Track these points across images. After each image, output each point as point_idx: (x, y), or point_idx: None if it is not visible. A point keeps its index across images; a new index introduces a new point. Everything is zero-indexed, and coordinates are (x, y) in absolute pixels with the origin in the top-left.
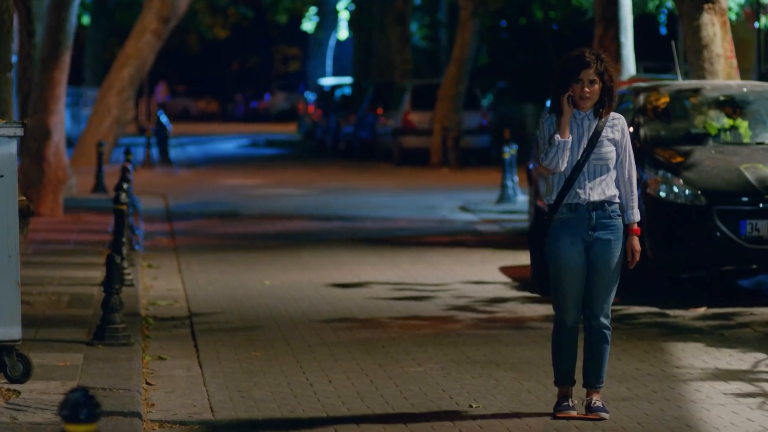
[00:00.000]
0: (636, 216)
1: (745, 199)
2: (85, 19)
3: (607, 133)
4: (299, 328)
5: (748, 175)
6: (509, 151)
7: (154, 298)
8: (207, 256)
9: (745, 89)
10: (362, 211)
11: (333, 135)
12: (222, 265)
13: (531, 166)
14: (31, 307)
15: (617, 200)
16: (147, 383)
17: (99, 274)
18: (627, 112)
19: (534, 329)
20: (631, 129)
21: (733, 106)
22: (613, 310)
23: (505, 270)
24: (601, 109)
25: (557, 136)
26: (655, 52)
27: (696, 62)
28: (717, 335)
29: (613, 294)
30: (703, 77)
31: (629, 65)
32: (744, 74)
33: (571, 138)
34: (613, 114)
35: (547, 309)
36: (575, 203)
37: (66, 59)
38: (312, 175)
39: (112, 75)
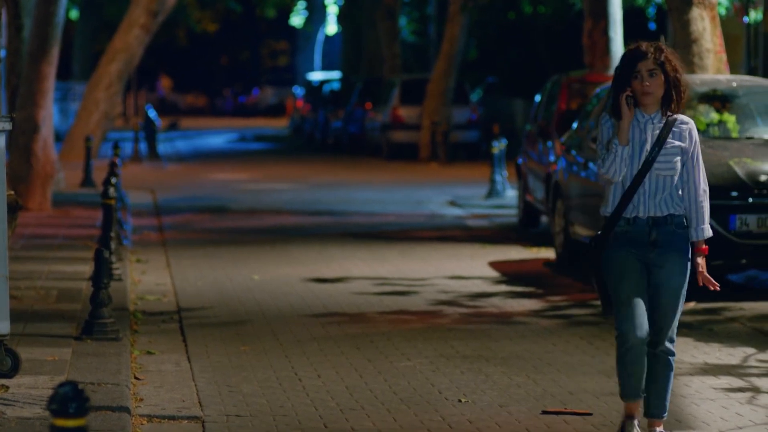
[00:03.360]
0: (705, 232)
1: (734, 193)
2: (74, 14)
3: (673, 140)
4: (288, 323)
5: (738, 170)
6: (498, 146)
7: (143, 293)
8: (196, 251)
9: (734, 84)
10: (351, 206)
11: (322, 129)
12: (211, 260)
13: (520, 160)
14: (20, 302)
15: (682, 213)
16: (135, 378)
17: (87, 268)
18: None
19: (523, 324)
20: None
21: (722, 100)
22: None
23: (494, 265)
24: (667, 108)
25: (615, 142)
26: None
27: (685, 57)
28: (706, 330)
29: (678, 316)
30: (692, 72)
31: (618, 60)
32: (733, 69)
33: (630, 145)
34: (681, 118)
35: (536, 304)
36: (634, 217)
37: (54, 53)
38: (301, 169)
39: (100, 69)
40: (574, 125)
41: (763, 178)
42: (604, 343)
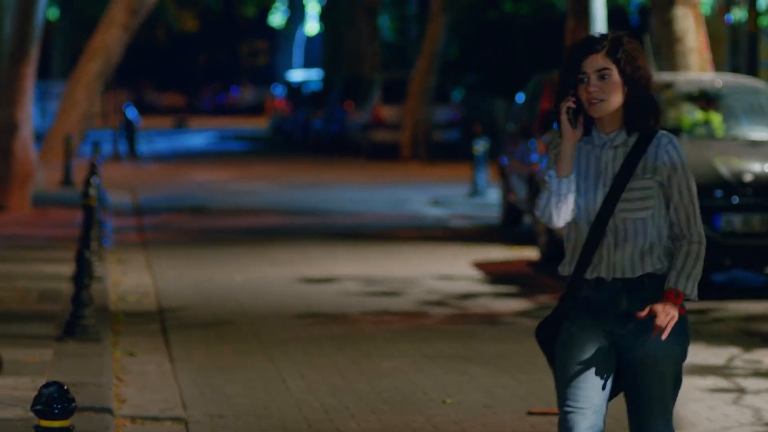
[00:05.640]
0: (687, 286)
1: (719, 193)
2: (53, 13)
3: (645, 166)
4: (270, 324)
5: (723, 170)
6: (480, 146)
7: (124, 294)
8: (176, 251)
9: (719, 83)
10: (332, 206)
11: (302, 129)
12: (191, 260)
13: (503, 160)
14: (0, 303)
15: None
16: (118, 379)
17: (68, 269)
18: None
19: (507, 324)
20: None
21: (707, 100)
22: None
23: (477, 265)
24: (634, 124)
25: (550, 174)
26: None
27: (669, 56)
28: (691, 330)
29: (671, 410)
30: (675, 71)
31: None
32: (716, 68)
33: (583, 177)
34: (658, 136)
35: (520, 304)
36: (595, 278)
37: (34, 53)
38: (281, 169)
39: (79, 68)
40: (556, 125)
41: (748, 177)
42: None
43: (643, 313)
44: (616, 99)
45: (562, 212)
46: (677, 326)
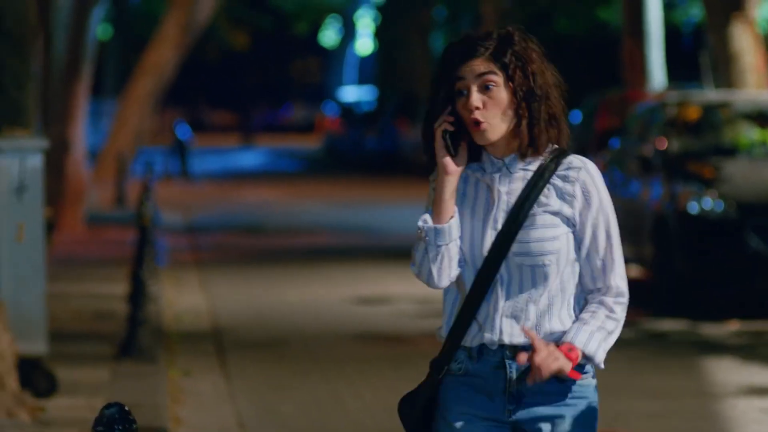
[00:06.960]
0: (589, 344)
1: None
2: (106, 32)
3: (548, 199)
4: (326, 344)
5: None
6: None
7: (178, 314)
8: (230, 271)
9: None
10: (386, 225)
11: (355, 148)
12: (245, 280)
13: None
14: (55, 322)
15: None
16: (173, 399)
17: (122, 288)
18: (656, 126)
19: None
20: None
21: (765, 118)
22: (644, 326)
23: None
24: (530, 148)
25: (425, 219)
26: (676, 63)
27: (726, 74)
28: (750, 351)
29: None
30: (733, 89)
31: (659, 78)
32: None
33: (454, 221)
34: (567, 161)
35: None
36: (478, 346)
37: (86, 71)
38: (334, 188)
39: (131, 87)
40: (611, 143)
41: None
42: (648, 365)
43: (531, 379)
44: (506, 119)
45: (445, 269)
46: (582, 413)
